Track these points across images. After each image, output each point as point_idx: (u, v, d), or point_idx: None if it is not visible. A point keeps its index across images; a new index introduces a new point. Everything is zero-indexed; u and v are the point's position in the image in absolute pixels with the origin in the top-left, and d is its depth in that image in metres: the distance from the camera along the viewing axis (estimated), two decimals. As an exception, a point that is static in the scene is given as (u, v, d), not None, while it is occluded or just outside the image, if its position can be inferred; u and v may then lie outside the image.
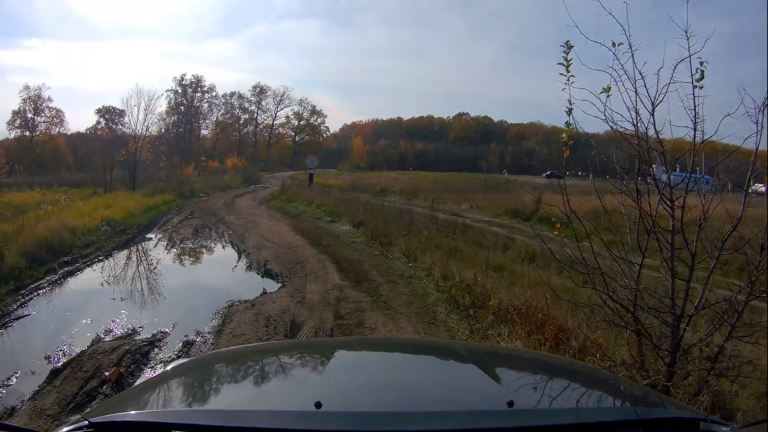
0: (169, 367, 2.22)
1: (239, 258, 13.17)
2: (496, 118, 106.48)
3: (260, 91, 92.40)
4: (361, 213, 19.21)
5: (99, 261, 12.80)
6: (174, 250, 14.56)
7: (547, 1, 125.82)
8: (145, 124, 35.03)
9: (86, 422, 1.41)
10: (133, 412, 1.56)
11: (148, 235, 16.92)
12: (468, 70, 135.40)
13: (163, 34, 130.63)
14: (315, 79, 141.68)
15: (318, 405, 1.41)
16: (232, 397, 1.81)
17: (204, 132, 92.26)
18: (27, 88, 74.10)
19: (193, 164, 48.72)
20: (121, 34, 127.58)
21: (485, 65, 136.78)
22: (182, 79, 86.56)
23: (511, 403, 1.49)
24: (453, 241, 15.91)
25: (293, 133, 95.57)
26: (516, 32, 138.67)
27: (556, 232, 5.63)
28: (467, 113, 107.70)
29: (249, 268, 12.05)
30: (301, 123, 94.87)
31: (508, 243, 17.89)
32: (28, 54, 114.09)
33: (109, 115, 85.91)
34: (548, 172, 71.78)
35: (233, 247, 14.76)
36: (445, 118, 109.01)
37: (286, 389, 1.86)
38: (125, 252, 14.25)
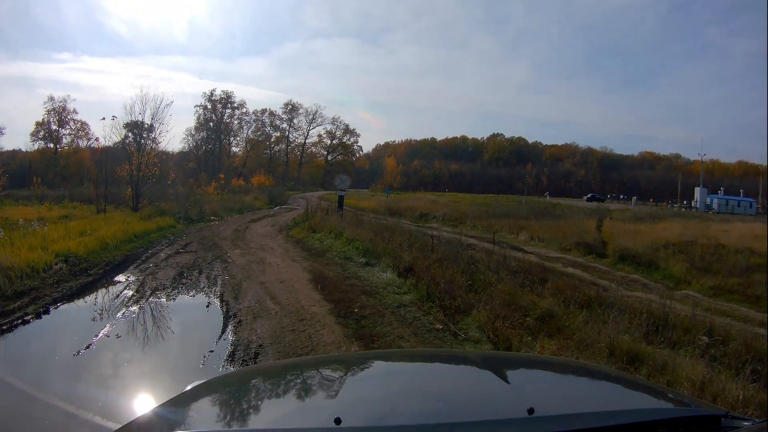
0: (186, 388, 2.16)
1: (220, 334, 8.05)
2: (529, 139, 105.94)
3: (292, 108, 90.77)
4: (405, 250, 14.14)
5: (18, 325, 8.33)
6: (134, 308, 9.57)
7: (577, 21, 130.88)
8: (153, 135, 30.24)
9: None
10: None
11: (117, 278, 12.36)
12: (499, 90, 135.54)
13: (195, 51, 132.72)
14: (346, 98, 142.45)
15: (338, 421, 1.43)
16: (250, 417, 1.81)
17: (235, 149, 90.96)
18: (51, 99, 72.37)
19: (213, 182, 43.97)
20: (153, 50, 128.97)
21: (516, 85, 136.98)
22: (212, 94, 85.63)
23: (531, 411, 1.50)
24: (540, 298, 10.77)
25: (326, 152, 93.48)
26: (546, 52, 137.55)
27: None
28: (501, 134, 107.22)
29: (230, 359, 6.94)
30: (334, 142, 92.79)
31: (602, 295, 12.60)
32: (59, 68, 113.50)
33: (138, 129, 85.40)
34: (589, 195, 71.90)
35: (220, 307, 9.76)
36: (479, 138, 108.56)
37: (304, 406, 1.86)
38: (64, 310, 9.53)
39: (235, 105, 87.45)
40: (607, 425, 1.49)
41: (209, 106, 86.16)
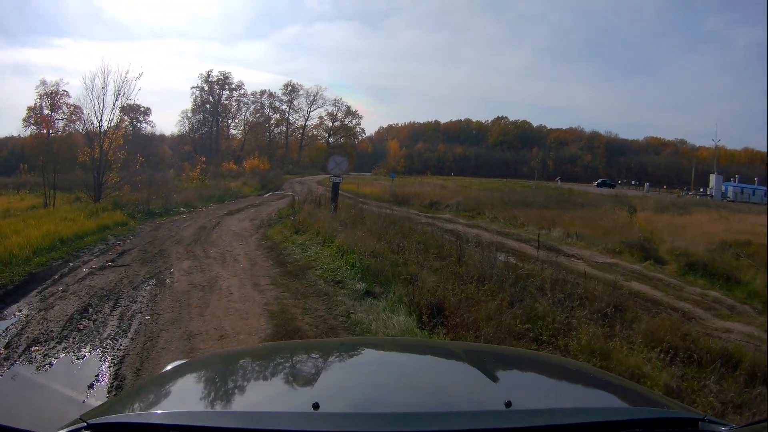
0: (167, 368, 2.19)
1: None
2: (533, 123, 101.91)
3: (292, 89, 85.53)
4: (427, 269, 9.80)
5: None
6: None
7: (578, 6, 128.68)
8: (114, 114, 25.35)
9: (84, 423, 1.45)
10: (130, 413, 1.62)
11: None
12: (502, 74, 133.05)
13: (194, 35, 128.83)
14: (348, 81, 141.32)
15: (316, 406, 1.43)
16: (229, 399, 1.79)
17: (233, 132, 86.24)
18: (44, 83, 68.19)
19: (200, 165, 39.13)
20: (152, 35, 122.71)
21: (518, 69, 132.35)
22: (209, 75, 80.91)
23: (508, 404, 1.50)
24: (634, 352, 7.08)
25: (327, 135, 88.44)
26: (547, 36, 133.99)
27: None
28: (506, 117, 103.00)
29: None
30: (335, 124, 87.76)
31: (699, 338, 8.52)
32: (59, 53, 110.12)
33: (134, 113, 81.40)
34: (599, 181, 69.69)
35: (109, 383, 5.53)
36: (483, 121, 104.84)
37: (284, 390, 1.87)
38: None
39: (233, 86, 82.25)
40: (582, 422, 1.48)
41: (206, 88, 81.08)
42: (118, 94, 24.69)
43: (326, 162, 67.95)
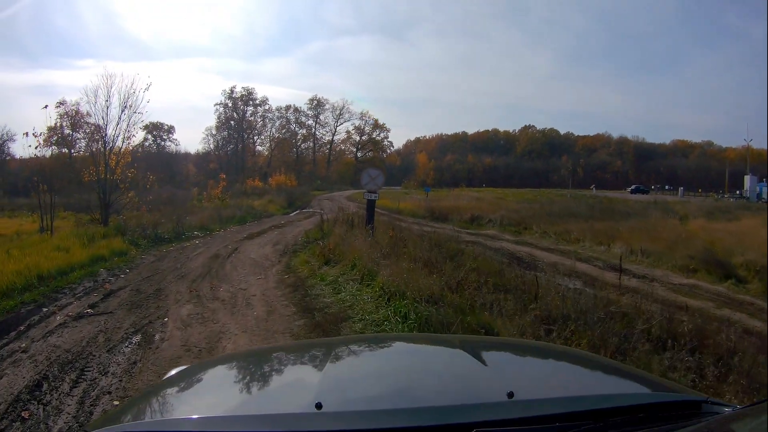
0: (171, 373, 2.21)
1: None
2: (560, 130, 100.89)
3: (318, 104, 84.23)
4: (500, 314, 7.36)
5: None
6: None
7: (599, 10, 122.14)
8: (121, 129, 22.30)
9: None
10: (132, 421, 1.65)
11: None
12: (526, 82, 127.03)
13: (218, 52, 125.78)
14: (374, 95, 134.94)
15: (318, 406, 1.42)
16: (232, 403, 1.77)
17: (260, 148, 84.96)
18: (63, 103, 67.45)
19: (222, 183, 36.65)
20: (175, 53, 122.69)
21: (543, 76, 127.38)
22: (232, 91, 79.87)
23: (511, 394, 1.50)
24: None
25: (355, 149, 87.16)
26: (571, 42, 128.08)
27: None
28: (533, 126, 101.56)
29: None
30: (363, 138, 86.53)
31: None
32: (82, 74, 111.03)
33: (157, 131, 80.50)
34: (633, 187, 67.73)
35: None
36: (511, 131, 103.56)
37: (286, 391, 1.86)
38: None
39: (258, 102, 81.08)
40: (586, 409, 1.48)
41: (230, 104, 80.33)
42: (125, 106, 22.03)
43: (355, 177, 67.07)
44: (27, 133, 22.21)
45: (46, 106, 17.74)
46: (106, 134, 21.91)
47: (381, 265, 10.03)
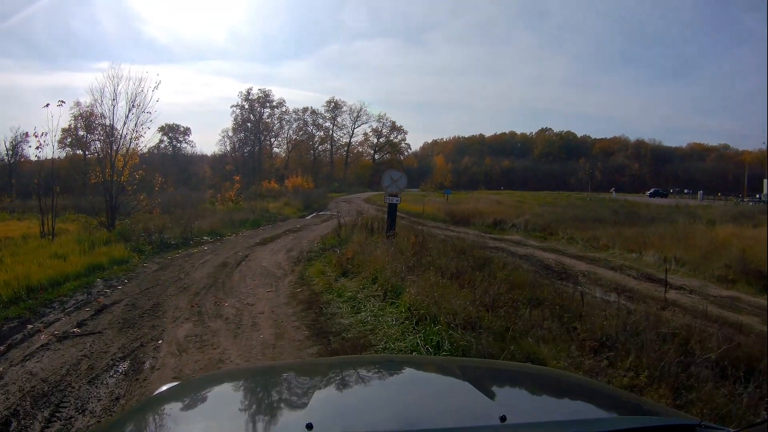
0: (162, 389, 2.18)
1: None
2: (576, 133, 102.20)
3: (335, 106, 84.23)
4: (544, 339, 6.59)
5: None
6: None
7: (615, 14, 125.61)
8: (129, 129, 21.21)
9: None
10: None
11: None
12: (543, 85, 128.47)
13: (235, 56, 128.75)
14: (391, 98, 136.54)
15: (309, 426, 1.41)
16: (222, 421, 1.75)
17: (276, 150, 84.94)
18: (78, 104, 67.17)
19: (236, 185, 35.53)
20: (192, 56, 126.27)
21: (559, 79, 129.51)
22: (248, 93, 79.59)
23: (503, 418, 1.48)
24: None
25: (372, 151, 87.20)
26: (586, 45, 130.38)
27: None
28: (550, 128, 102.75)
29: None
30: (381, 140, 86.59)
31: None
32: (99, 77, 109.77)
33: (173, 133, 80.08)
34: (652, 190, 67.35)
35: None
36: (527, 133, 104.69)
37: (277, 411, 1.83)
38: None
39: (274, 104, 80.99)
40: None
41: (246, 106, 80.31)
42: (132, 105, 20.99)
43: (372, 179, 66.08)
44: (27, 134, 21.19)
45: (47, 105, 16.53)
46: (112, 134, 20.92)
47: (405, 278, 8.80)
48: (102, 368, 6.60)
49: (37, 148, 18.31)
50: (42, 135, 17.99)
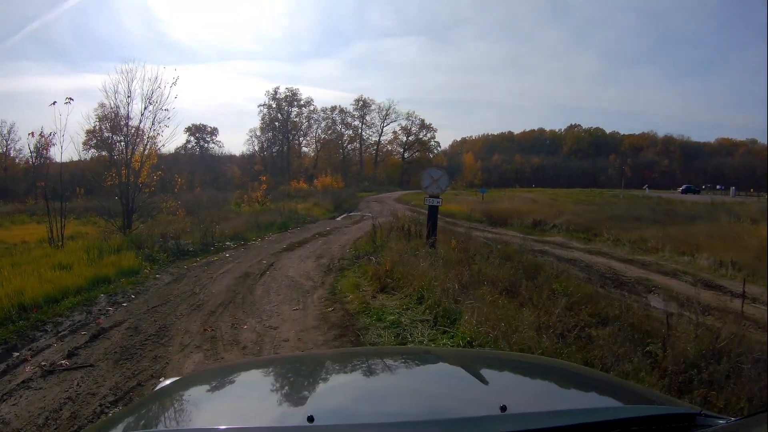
0: (166, 383, 2.18)
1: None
2: (605, 129, 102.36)
3: (364, 105, 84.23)
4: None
5: None
6: None
7: (640, 9, 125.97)
8: (145, 127, 19.91)
9: None
10: None
11: None
12: (570, 81, 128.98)
13: (261, 55, 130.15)
14: (418, 96, 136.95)
15: (311, 419, 1.40)
16: (223, 415, 1.72)
17: (305, 150, 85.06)
18: (102, 106, 66.88)
19: (264, 186, 34.19)
20: (217, 56, 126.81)
21: (586, 75, 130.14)
22: (276, 92, 79.28)
23: (503, 408, 1.48)
24: None
25: (402, 150, 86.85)
26: (612, 41, 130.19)
27: None
28: (579, 125, 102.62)
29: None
30: (410, 138, 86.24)
31: None
32: (112, 74, 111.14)
33: (200, 133, 79.76)
34: (684, 187, 66.29)
35: None
36: (557, 130, 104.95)
37: (278, 404, 1.81)
38: None
39: (302, 103, 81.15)
40: (579, 423, 1.45)
41: (274, 105, 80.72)
42: (149, 101, 19.53)
43: (402, 178, 64.64)
44: (32, 133, 20.03)
45: (53, 103, 15.28)
46: (127, 133, 19.62)
47: (462, 303, 7.19)
48: (87, 416, 5.29)
49: (43, 149, 17.10)
50: (51, 135, 16.74)
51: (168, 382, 2.17)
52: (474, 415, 1.52)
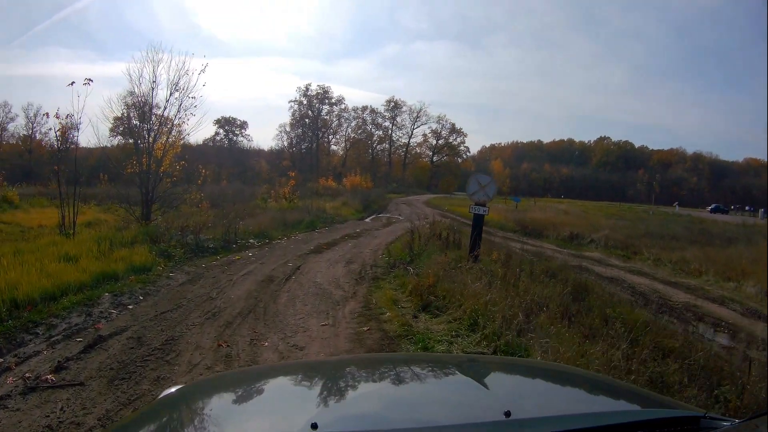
0: (171, 390, 2.10)
1: None
2: (633, 143, 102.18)
3: (395, 106, 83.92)
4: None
5: None
6: None
7: (674, 21, 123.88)
8: (170, 114, 18.77)
9: None
10: None
11: None
12: (600, 93, 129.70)
13: (293, 53, 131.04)
14: (448, 100, 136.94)
15: (314, 426, 1.37)
16: (227, 424, 1.66)
17: (334, 148, 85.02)
18: (131, 94, 66.58)
19: (292, 182, 33.11)
20: (250, 52, 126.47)
21: (616, 87, 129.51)
22: (307, 89, 79.39)
23: (508, 413, 1.46)
24: None
25: (431, 153, 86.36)
26: (644, 53, 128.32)
27: None
28: (608, 137, 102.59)
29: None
30: (440, 142, 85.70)
31: None
32: (137, 57, 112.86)
33: (229, 126, 79.53)
34: (713, 206, 65.31)
35: None
36: (586, 141, 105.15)
37: (282, 412, 1.77)
38: None
39: (333, 101, 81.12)
40: (583, 427, 1.45)
41: (305, 102, 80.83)
42: (174, 87, 18.42)
43: (431, 181, 63.61)
44: (47, 114, 19.32)
45: (72, 83, 14.37)
46: (151, 119, 18.63)
47: (527, 335, 5.93)
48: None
49: (64, 131, 16.14)
50: (68, 117, 15.82)
51: (173, 389, 2.09)
52: (478, 420, 1.53)
